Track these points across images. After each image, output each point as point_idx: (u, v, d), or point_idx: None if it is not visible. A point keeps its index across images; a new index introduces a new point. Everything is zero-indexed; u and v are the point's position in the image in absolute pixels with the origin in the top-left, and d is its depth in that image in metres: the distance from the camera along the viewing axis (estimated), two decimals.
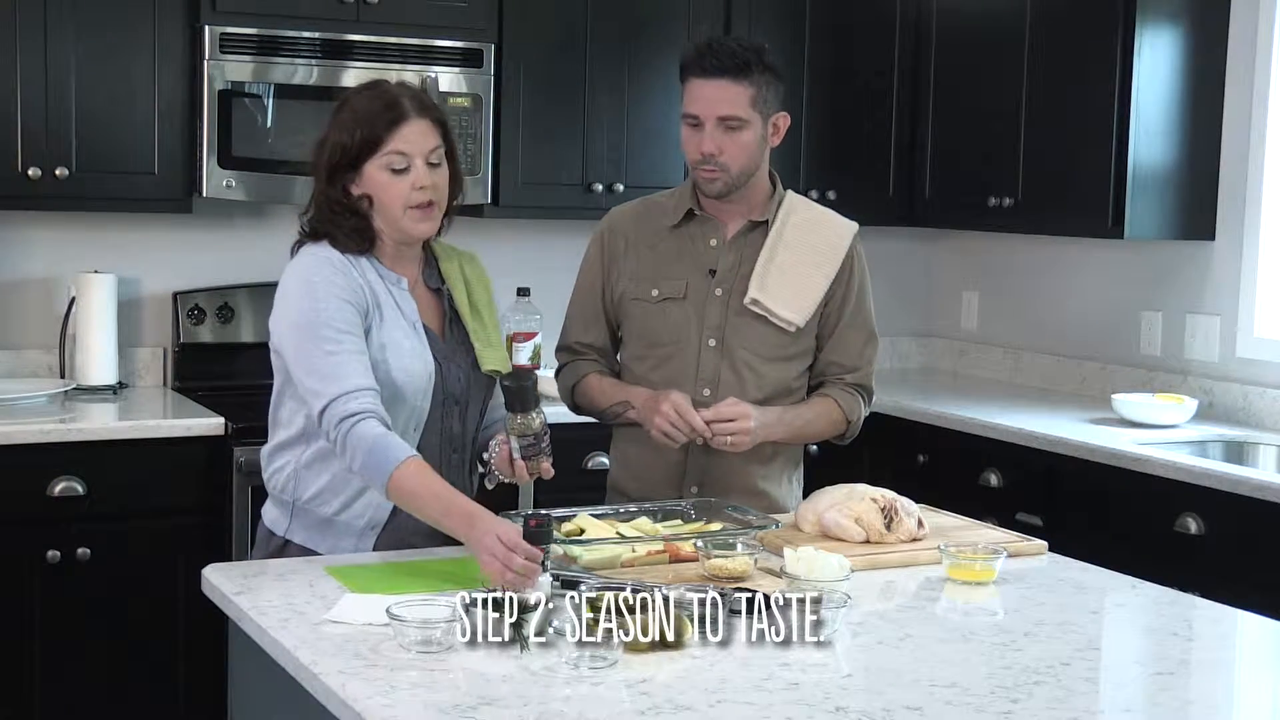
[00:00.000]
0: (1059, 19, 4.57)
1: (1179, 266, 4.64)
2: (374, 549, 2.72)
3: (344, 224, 2.69)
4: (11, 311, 4.43)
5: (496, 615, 2.12)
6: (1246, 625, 2.45)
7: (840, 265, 3.04)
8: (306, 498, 2.72)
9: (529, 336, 4.59)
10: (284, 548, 2.74)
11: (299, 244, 2.75)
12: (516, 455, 2.68)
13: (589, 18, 4.67)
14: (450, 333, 2.80)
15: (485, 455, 2.82)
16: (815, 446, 3.47)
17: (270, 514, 2.79)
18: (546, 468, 2.69)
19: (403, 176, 2.66)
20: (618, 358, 3.15)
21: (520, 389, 2.63)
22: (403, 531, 2.74)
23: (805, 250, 3.02)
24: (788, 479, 3.12)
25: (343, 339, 2.60)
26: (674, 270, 3.03)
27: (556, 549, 2.51)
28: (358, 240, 2.70)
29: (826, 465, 3.55)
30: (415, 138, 2.67)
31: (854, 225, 3.09)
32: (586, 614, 2.12)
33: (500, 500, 3.14)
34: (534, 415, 2.64)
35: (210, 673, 3.85)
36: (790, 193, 3.10)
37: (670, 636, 2.11)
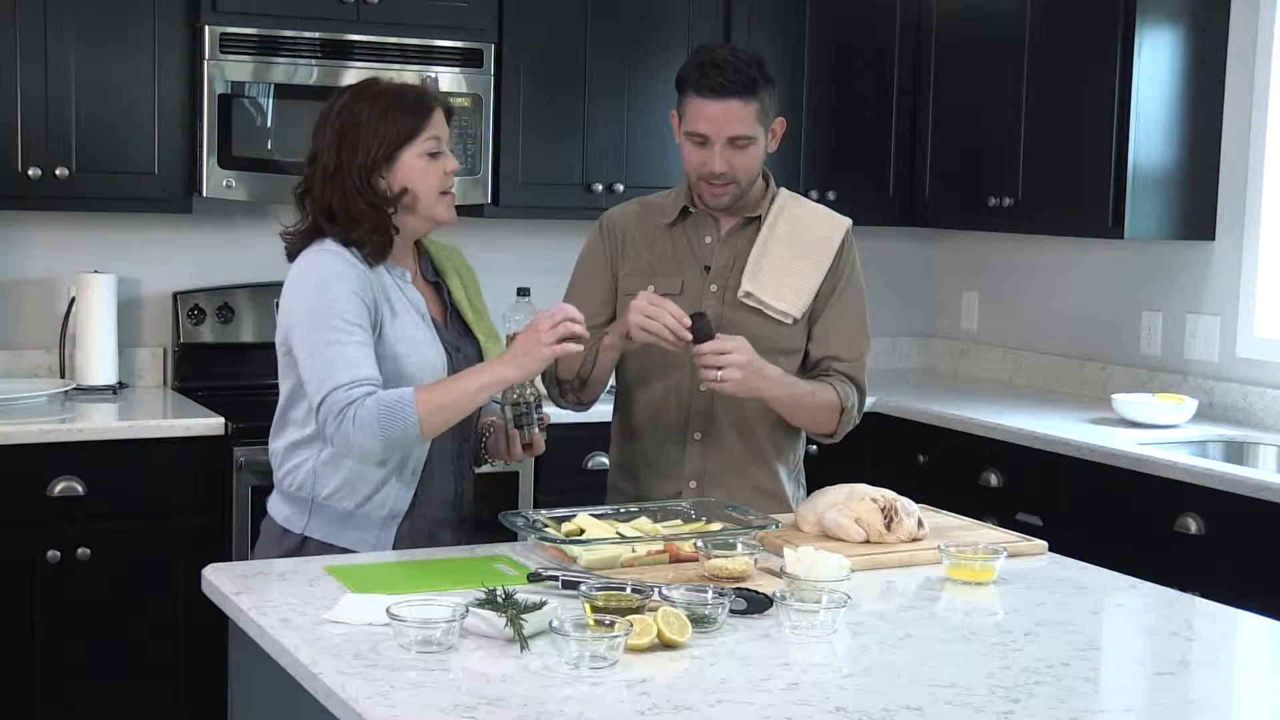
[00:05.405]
0: (1059, 19, 4.57)
1: (1179, 266, 4.64)
2: (395, 539, 2.74)
3: (363, 226, 2.69)
4: (11, 311, 4.43)
5: (497, 615, 2.12)
6: (1246, 625, 2.45)
7: (833, 258, 3.04)
8: (326, 494, 2.73)
9: None
10: (303, 544, 2.74)
11: (295, 249, 2.76)
12: (510, 426, 2.76)
13: (589, 18, 4.67)
14: (451, 324, 2.85)
15: (483, 439, 2.90)
16: (815, 446, 3.47)
17: (282, 511, 2.79)
18: (537, 437, 2.78)
19: (436, 162, 2.73)
20: None
21: None
22: (424, 522, 2.77)
23: (797, 244, 3.02)
24: (787, 478, 3.11)
25: (352, 330, 2.62)
26: (670, 267, 3.04)
27: (568, 549, 2.52)
28: (379, 242, 2.71)
29: (826, 465, 3.56)
30: (442, 124, 2.76)
31: (846, 220, 3.10)
32: (587, 614, 2.12)
33: (500, 499, 3.14)
34: (526, 385, 2.72)
35: (210, 673, 3.85)
36: (783, 190, 3.11)
37: (670, 636, 2.11)
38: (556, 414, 3.07)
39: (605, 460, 3.35)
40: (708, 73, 2.89)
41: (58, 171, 4.08)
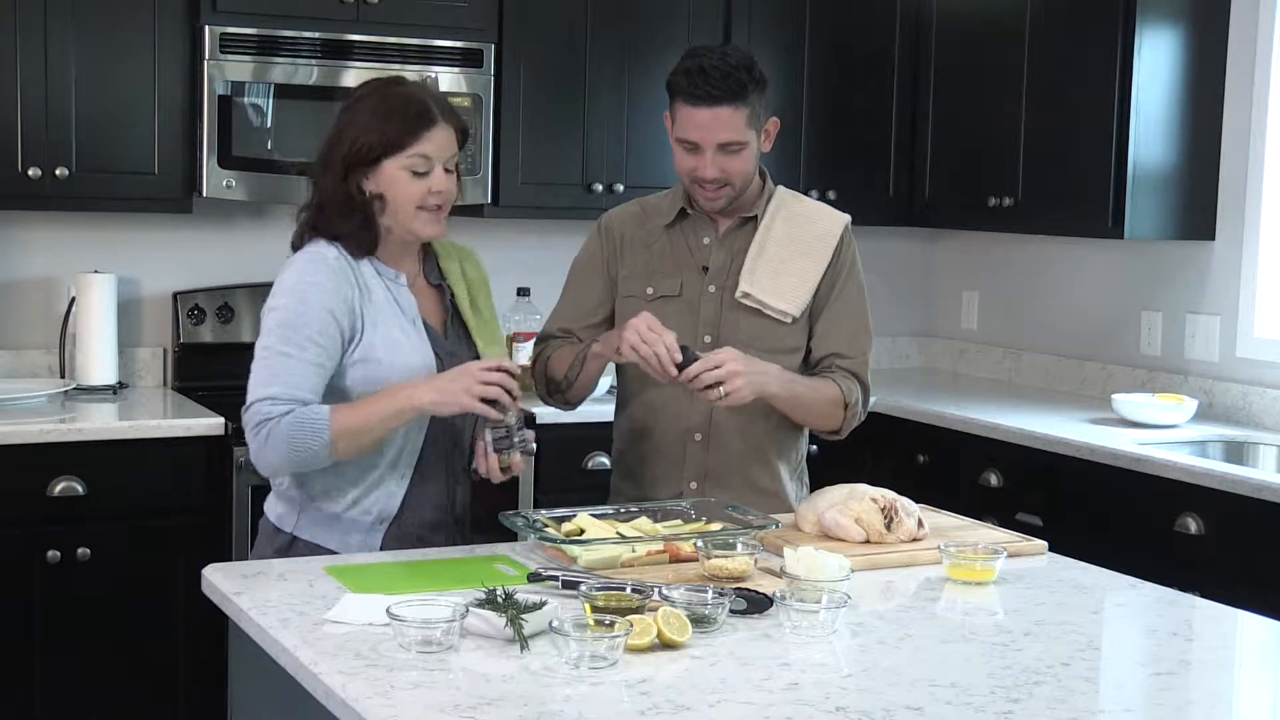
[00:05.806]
0: (1059, 19, 4.57)
1: (1179, 266, 4.64)
2: (382, 543, 2.73)
3: (349, 221, 2.69)
4: (11, 311, 4.43)
5: (497, 615, 2.12)
6: (1246, 625, 2.45)
7: (831, 255, 3.03)
8: (315, 494, 2.73)
9: (529, 336, 4.59)
10: (291, 544, 2.74)
11: (299, 241, 2.76)
12: (489, 449, 2.72)
13: (589, 18, 4.67)
14: (451, 329, 2.83)
15: (472, 447, 2.86)
16: (815, 446, 3.47)
17: (276, 509, 2.79)
18: (516, 462, 2.74)
19: (421, 180, 2.68)
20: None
21: None
22: (411, 526, 2.75)
23: (795, 242, 3.02)
24: (789, 477, 3.11)
25: (307, 347, 2.62)
26: (668, 268, 3.04)
27: (566, 548, 2.52)
28: (362, 238, 2.70)
29: (827, 465, 3.55)
30: (441, 142, 2.70)
31: (845, 216, 3.09)
32: (587, 614, 2.12)
33: (500, 499, 3.14)
34: (509, 410, 2.67)
35: (210, 673, 3.85)
36: (781, 188, 3.10)
37: (670, 636, 2.11)
38: (556, 414, 3.07)
39: (605, 460, 3.35)
40: (695, 80, 2.87)
41: (58, 171, 4.08)
